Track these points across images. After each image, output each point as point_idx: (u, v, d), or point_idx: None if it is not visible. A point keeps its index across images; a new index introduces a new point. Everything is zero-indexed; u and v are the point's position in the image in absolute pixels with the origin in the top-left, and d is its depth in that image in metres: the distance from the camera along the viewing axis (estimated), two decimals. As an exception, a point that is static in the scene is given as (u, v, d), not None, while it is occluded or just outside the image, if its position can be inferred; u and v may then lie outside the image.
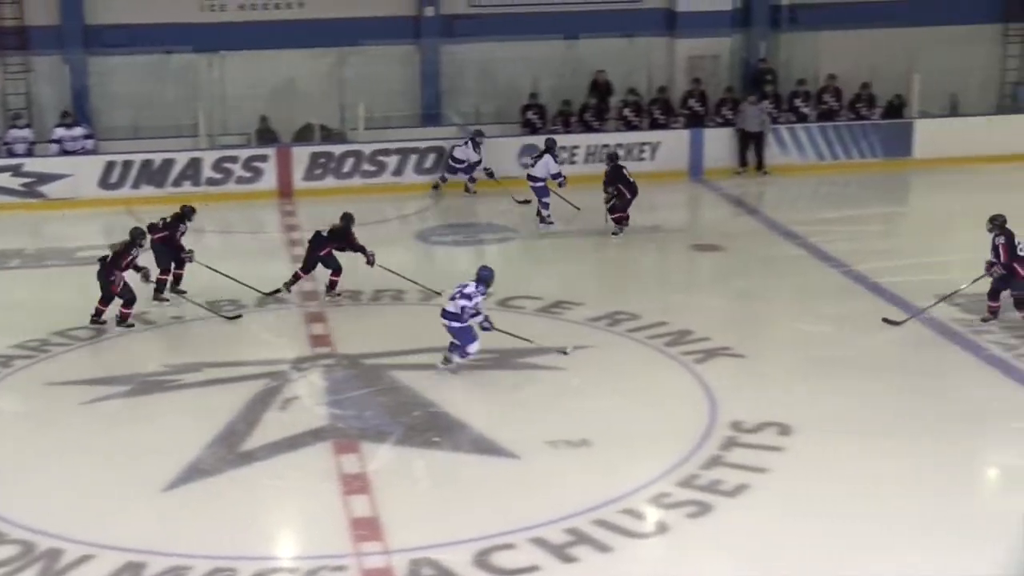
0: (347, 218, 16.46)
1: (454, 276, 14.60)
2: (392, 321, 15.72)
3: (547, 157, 19.66)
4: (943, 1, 24.90)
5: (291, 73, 23.82)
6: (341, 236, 16.29)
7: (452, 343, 13.70)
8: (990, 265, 14.93)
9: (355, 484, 11.19)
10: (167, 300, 16.24)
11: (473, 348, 13.63)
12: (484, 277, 13.69)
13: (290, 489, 11.27)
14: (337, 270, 16.37)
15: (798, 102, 23.91)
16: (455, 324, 13.52)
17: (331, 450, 11.86)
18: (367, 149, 22.37)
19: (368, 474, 11.40)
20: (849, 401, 12.94)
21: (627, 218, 18.91)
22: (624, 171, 19.05)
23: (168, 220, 16.47)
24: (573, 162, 22.28)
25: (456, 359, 13.71)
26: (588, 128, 23.44)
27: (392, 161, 22.31)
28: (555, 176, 19.56)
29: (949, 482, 11.24)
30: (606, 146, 22.18)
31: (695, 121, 23.52)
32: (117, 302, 15.38)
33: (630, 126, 23.51)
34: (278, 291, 16.40)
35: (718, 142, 22.96)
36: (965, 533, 10.23)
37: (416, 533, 10.23)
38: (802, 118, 23.69)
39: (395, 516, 10.56)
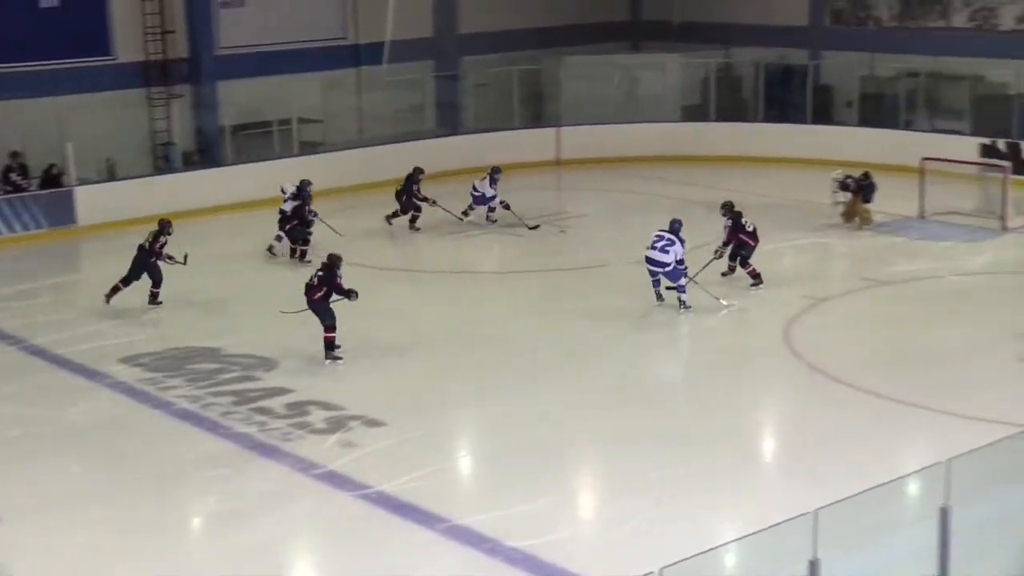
0: (304, 196, 20.49)
1: None
2: None
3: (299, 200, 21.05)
4: (87, 70, 25.18)
5: None
6: (298, 209, 20.28)
7: (657, 284, 17.42)
8: (718, 249, 18.33)
9: None
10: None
11: (684, 281, 17.32)
12: (676, 228, 17.28)
13: None
14: (305, 240, 20.41)
15: (-49, 180, 22.94)
16: (666, 269, 17.19)
17: None
18: None
19: None
20: (51, 479, 12.71)
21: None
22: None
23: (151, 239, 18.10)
24: None
25: (682, 297, 17.33)
26: None
27: None
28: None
29: (155, 545, 11.44)
30: None
31: None
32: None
33: None
34: (309, 260, 19.86)
35: None
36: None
37: None
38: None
39: None
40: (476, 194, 22.88)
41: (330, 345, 16.02)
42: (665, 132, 28.51)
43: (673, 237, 17.29)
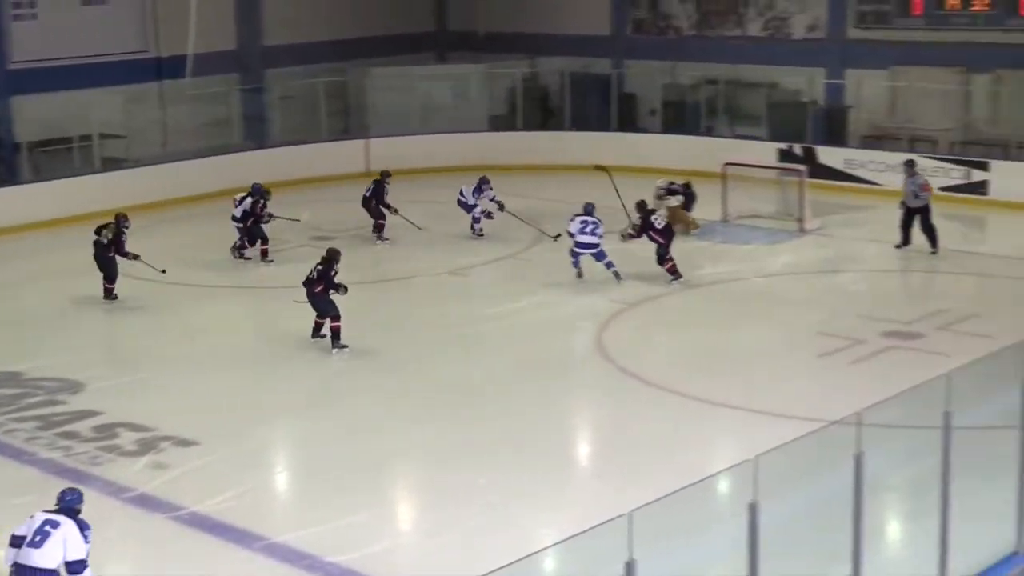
0: (260, 192, 20.74)
1: None
2: None
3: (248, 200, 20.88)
4: None
5: None
6: (254, 205, 20.65)
7: (577, 264, 19.11)
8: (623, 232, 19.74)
9: None
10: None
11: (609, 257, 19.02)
12: (591, 210, 19.02)
13: None
14: (264, 239, 20.72)
15: None
16: (595, 249, 18.88)
17: None
18: None
19: None
20: None
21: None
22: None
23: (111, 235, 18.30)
24: None
25: (613, 270, 18.96)
26: None
27: None
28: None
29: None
30: None
31: None
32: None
33: None
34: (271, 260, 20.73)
35: None
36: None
37: None
38: None
39: None
40: (461, 200, 22.58)
41: (336, 334, 16.10)
42: (473, 142, 28.69)
43: (597, 220, 18.89)
